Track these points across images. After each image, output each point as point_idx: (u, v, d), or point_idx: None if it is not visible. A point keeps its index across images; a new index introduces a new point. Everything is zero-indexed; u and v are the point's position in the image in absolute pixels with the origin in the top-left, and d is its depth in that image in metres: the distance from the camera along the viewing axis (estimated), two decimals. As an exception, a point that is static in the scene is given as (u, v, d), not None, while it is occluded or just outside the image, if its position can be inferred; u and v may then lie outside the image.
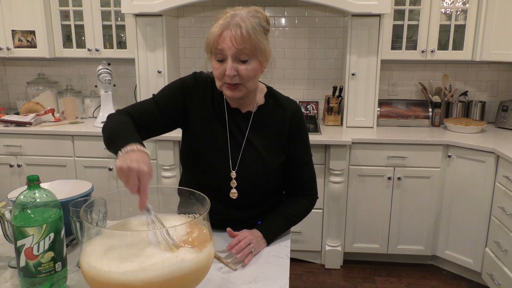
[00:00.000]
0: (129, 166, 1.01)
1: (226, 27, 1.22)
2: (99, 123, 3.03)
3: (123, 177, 1.02)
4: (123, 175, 1.02)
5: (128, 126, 1.26)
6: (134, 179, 1.01)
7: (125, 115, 1.33)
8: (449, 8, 2.99)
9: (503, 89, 3.29)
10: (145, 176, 1.02)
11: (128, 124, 1.27)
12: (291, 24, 3.27)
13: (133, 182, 1.01)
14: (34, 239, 0.99)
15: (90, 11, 3.13)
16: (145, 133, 1.35)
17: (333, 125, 3.14)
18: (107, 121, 1.31)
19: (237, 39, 1.20)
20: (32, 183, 1.02)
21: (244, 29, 1.20)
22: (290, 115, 1.40)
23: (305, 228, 2.90)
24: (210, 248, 0.99)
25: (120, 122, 1.28)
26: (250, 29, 1.21)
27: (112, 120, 1.31)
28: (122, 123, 1.27)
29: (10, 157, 3.03)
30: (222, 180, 1.38)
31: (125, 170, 1.01)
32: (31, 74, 3.57)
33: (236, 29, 1.20)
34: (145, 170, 1.02)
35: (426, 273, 2.90)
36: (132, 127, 1.27)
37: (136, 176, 1.01)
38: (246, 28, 1.20)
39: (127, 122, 1.28)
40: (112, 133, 1.23)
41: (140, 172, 1.01)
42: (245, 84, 1.27)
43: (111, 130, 1.25)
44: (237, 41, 1.20)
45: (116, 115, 1.33)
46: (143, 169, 1.02)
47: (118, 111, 1.36)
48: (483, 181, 2.60)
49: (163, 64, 3.00)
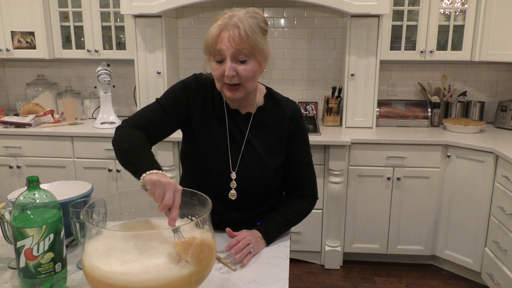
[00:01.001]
0: (167, 180, 1.04)
1: (224, 28, 1.22)
2: (99, 124, 3.03)
3: (157, 190, 1.03)
4: (158, 188, 1.03)
5: (143, 145, 1.25)
6: (171, 193, 1.02)
7: (136, 128, 1.31)
8: (448, 9, 3.00)
9: (502, 89, 3.29)
10: (179, 194, 1.04)
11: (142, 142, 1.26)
12: (290, 25, 3.27)
13: (170, 196, 1.02)
14: (34, 240, 1.00)
15: (89, 12, 3.13)
16: (156, 140, 1.36)
17: (333, 125, 3.14)
18: (118, 136, 1.29)
19: (235, 39, 1.20)
20: (31, 184, 1.02)
21: (242, 29, 1.20)
22: (289, 116, 1.40)
23: (305, 228, 2.91)
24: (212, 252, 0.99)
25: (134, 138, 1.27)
26: (248, 29, 1.21)
27: (124, 135, 1.28)
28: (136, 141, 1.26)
29: (10, 158, 3.03)
30: (222, 181, 1.38)
31: (163, 184, 1.03)
32: (30, 75, 3.56)
33: (234, 29, 1.20)
34: (180, 187, 1.05)
35: (425, 273, 2.90)
36: (146, 144, 1.26)
37: (174, 191, 1.03)
38: (244, 28, 1.21)
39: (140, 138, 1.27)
40: (129, 153, 1.22)
41: (177, 189, 1.04)
42: (244, 84, 1.27)
43: (126, 149, 1.24)
44: (235, 41, 1.21)
45: (127, 129, 1.31)
46: (179, 187, 1.05)
47: (126, 122, 1.34)
48: (482, 181, 2.61)
49: (163, 65, 3.00)
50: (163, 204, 1.01)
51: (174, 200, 1.02)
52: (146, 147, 1.25)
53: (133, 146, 1.24)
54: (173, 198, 1.02)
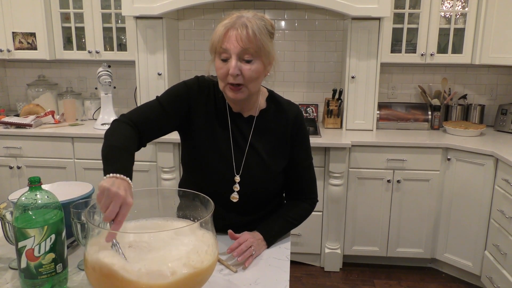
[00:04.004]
0: (116, 191, 0.97)
1: (231, 26, 1.22)
2: (99, 125, 3.03)
3: (104, 199, 0.97)
4: (105, 197, 0.97)
5: (128, 146, 1.20)
6: (116, 206, 0.96)
7: (131, 125, 1.27)
8: (448, 12, 3.00)
9: (502, 93, 3.30)
10: (127, 208, 0.98)
11: (129, 142, 1.21)
12: (291, 27, 3.28)
13: (113, 209, 0.96)
14: (36, 241, 1.00)
15: (90, 13, 3.13)
16: (150, 138, 1.34)
17: (333, 127, 3.14)
18: (111, 130, 1.25)
19: (243, 38, 1.21)
20: (33, 185, 1.02)
21: (250, 29, 1.21)
22: (292, 119, 1.41)
23: (305, 230, 2.91)
24: (213, 251, 0.99)
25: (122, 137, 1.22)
26: (256, 29, 1.22)
27: (116, 130, 1.25)
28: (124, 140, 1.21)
29: (10, 159, 3.03)
30: (226, 185, 1.38)
31: (111, 193, 0.97)
32: (31, 76, 3.57)
33: (242, 28, 1.21)
34: (130, 202, 0.99)
35: (425, 276, 2.90)
36: (132, 146, 1.22)
37: (120, 204, 0.97)
38: (252, 28, 1.21)
39: (129, 138, 1.23)
40: (111, 150, 1.17)
41: (125, 202, 0.98)
42: (247, 85, 1.27)
43: (111, 145, 1.18)
44: (242, 40, 1.21)
45: (121, 124, 1.27)
46: (129, 201, 0.99)
47: (123, 116, 1.31)
48: (482, 184, 2.61)
49: (163, 66, 3.01)
50: (104, 215, 0.96)
51: (119, 213, 0.96)
52: (131, 151, 1.20)
53: (118, 145, 1.18)
54: (116, 211, 0.96)
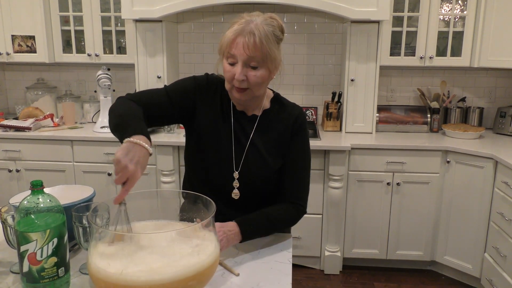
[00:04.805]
0: (127, 165, 1.05)
1: (240, 33, 1.24)
2: (98, 128, 3.03)
3: (115, 168, 1.06)
4: (117, 168, 1.06)
5: (138, 114, 1.25)
6: (123, 177, 1.04)
7: (135, 102, 1.33)
8: (447, 15, 3.02)
9: (501, 95, 3.31)
10: (134, 180, 1.06)
11: (138, 112, 1.27)
12: (291, 30, 3.28)
13: (120, 179, 1.05)
14: (38, 244, 0.99)
15: (90, 16, 3.13)
16: (151, 123, 1.36)
17: (332, 130, 3.15)
18: (116, 104, 1.31)
19: (250, 47, 1.23)
20: (36, 188, 1.02)
21: (257, 37, 1.23)
22: (293, 120, 1.42)
23: (305, 233, 2.91)
24: (214, 253, 1.00)
25: (130, 108, 1.28)
26: (263, 38, 1.23)
27: (122, 104, 1.30)
28: (133, 110, 1.27)
29: (9, 162, 3.02)
30: (225, 180, 1.39)
31: (121, 166, 1.05)
32: (30, 79, 3.57)
33: (250, 36, 1.23)
34: (138, 175, 1.07)
35: (425, 279, 2.90)
36: (141, 116, 1.27)
37: (127, 176, 1.04)
38: (259, 36, 1.23)
39: (137, 109, 1.28)
40: (121, 118, 1.22)
41: (133, 176, 1.05)
42: (252, 89, 1.30)
43: (121, 114, 1.24)
44: (249, 49, 1.23)
45: (126, 100, 1.33)
46: (137, 175, 1.06)
47: (128, 95, 1.36)
48: (481, 187, 2.61)
49: (163, 69, 3.01)
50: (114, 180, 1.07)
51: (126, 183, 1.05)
52: (140, 117, 1.25)
53: (128, 112, 1.24)
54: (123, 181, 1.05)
